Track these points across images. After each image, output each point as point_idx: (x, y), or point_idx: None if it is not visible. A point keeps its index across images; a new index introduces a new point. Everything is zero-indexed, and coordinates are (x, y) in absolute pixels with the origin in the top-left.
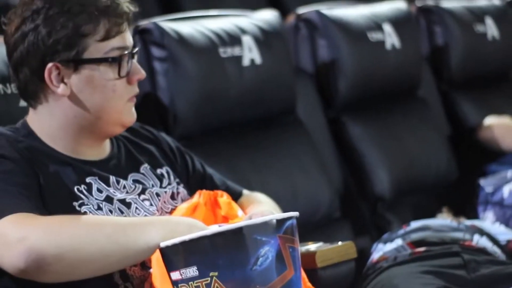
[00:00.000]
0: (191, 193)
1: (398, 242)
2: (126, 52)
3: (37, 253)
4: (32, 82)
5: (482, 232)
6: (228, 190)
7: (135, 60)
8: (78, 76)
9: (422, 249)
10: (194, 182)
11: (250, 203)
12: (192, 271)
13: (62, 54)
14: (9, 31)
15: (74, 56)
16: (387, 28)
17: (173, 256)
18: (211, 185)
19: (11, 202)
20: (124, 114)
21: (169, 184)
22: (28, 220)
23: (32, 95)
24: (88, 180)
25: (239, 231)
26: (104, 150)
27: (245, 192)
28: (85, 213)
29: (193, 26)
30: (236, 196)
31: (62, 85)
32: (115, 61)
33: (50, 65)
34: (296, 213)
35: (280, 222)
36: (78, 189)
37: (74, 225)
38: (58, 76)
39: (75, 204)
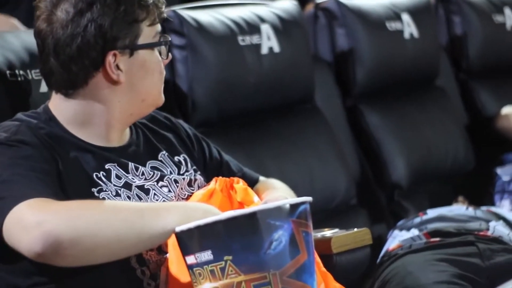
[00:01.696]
0: (207, 180)
1: (414, 232)
2: (164, 36)
3: (54, 237)
4: (87, 72)
5: (498, 217)
6: (244, 176)
7: None
8: (132, 61)
9: (437, 239)
10: (210, 168)
11: (265, 189)
12: (206, 255)
13: (120, 42)
14: (56, 24)
15: (131, 42)
16: (406, 17)
17: (188, 241)
18: (228, 172)
19: (29, 187)
20: (161, 94)
21: (187, 171)
22: (46, 205)
23: (78, 85)
24: (107, 166)
25: (253, 215)
26: (125, 136)
27: (261, 178)
28: (103, 199)
29: (212, 14)
30: (252, 183)
31: (119, 72)
32: (166, 44)
33: (111, 53)
34: (309, 198)
35: (294, 206)
36: (97, 175)
37: (91, 210)
38: (114, 63)
39: (94, 190)
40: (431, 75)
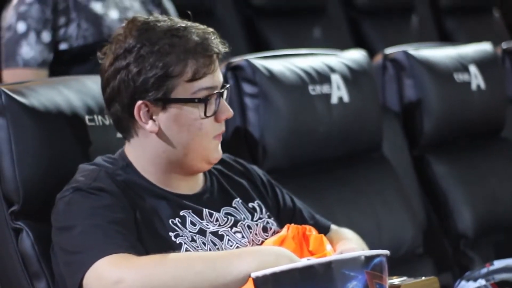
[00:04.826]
0: (281, 226)
1: (481, 282)
2: (214, 92)
3: None
4: (124, 117)
5: None
6: (316, 224)
7: (224, 98)
8: (166, 114)
9: None
10: (284, 215)
11: (339, 239)
12: None
13: (151, 93)
14: (103, 66)
15: (162, 95)
16: (473, 69)
17: (263, 286)
18: (301, 219)
19: (107, 242)
20: (210, 151)
21: (260, 218)
22: (124, 262)
23: (125, 129)
24: (182, 213)
25: (328, 264)
26: (197, 184)
27: (333, 227)
28: (180, 244)
29: (283, 64)
30: (324, 231)
31: (150, 122)
32: (202, 101)
33: (139, 102)
34: (386, 252)
35: (369, 258)
36: (172, 222)
37: (166, 266)
38: (147, 113)
39: (171, 234)
40: (497, 127)
